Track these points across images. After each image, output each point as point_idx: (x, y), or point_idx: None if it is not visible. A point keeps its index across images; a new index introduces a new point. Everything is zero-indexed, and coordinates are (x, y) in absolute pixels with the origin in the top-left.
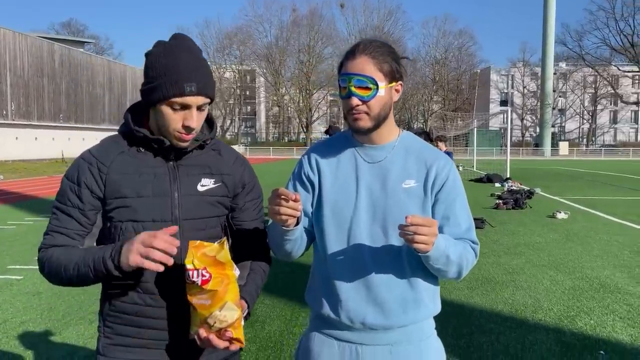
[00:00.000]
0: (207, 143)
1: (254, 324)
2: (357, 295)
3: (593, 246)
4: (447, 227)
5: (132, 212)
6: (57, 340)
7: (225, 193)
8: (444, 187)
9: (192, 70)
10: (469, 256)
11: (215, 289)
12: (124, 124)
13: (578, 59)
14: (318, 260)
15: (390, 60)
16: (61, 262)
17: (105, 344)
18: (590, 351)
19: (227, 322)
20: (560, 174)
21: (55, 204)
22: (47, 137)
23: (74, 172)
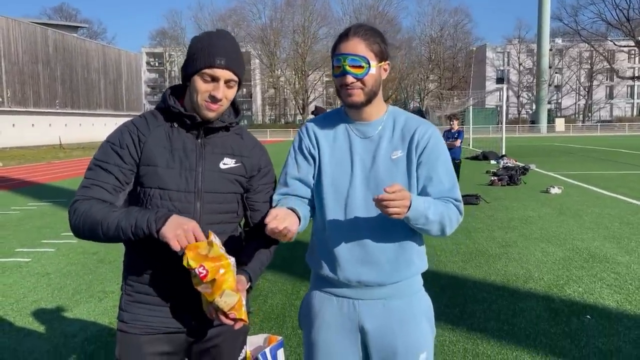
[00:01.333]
0: (232, 126)
1: (257, 297)
2: (353, 257)
3: (585, 219)
4: (431, 187)
5: (160, 180)
6: (69, 317)
7: (243, 173)
8: (425, 150)
9: (223, 47)
10: (451, 214)
11: (214, 278)
12: (162, 101)
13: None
14: (318, 227)
15: (380, 41)
16: (99, 215)
17: (127, 301)
18: (578, 316)
19: (228, 305)
20: (556, 150)
21: (95, 161)
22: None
23: (117, 136)
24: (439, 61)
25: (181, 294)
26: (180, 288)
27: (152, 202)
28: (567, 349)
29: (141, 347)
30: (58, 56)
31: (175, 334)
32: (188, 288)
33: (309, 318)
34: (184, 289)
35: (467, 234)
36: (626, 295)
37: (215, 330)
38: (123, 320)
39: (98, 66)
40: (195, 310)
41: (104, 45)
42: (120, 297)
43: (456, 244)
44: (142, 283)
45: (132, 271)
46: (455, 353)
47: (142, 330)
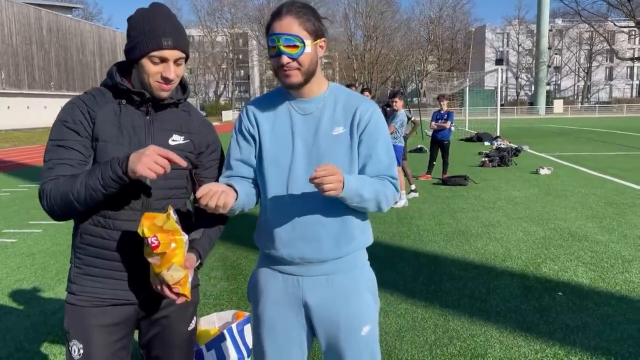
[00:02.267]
0: (180, 102)
1: (238, 276)
2: (295, 234)
3: (570, 199)
4: (370, 164)
5: (110, 156)
6: (50, 295)
7: (191, 149)
8: (366, 129)
9: (168, 27)
10: (387, 192)
11: (164, 251)
12: (108, 78)
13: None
14: (262, 206)
15: (313, 19)
16: (67, 185)
17: (76, 274)
18: (550, 293)
19: (174, 280)
20: (551, 132)
21: (52, 142)
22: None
23: (67, 113)
24: (438, 42)
25: (130, 265)
26: (129, 260)
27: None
28: (535, 324)
29: (88, 318)
30: (52, 38)
31: (123, 306)
32: (137, 260)
33: (256, 293)
34: (133, 260)
35: (452, 214)
36: (600, 273)
37: (166, 301)
38: (72, 292)
39: (93, 48)
40: (145, 282)
41: (100, 27)
42: (69, 269)
43: (440, 224)
44: (91, 255)
45: (82, 243)
46: (425, 329)
47: (90, 303)
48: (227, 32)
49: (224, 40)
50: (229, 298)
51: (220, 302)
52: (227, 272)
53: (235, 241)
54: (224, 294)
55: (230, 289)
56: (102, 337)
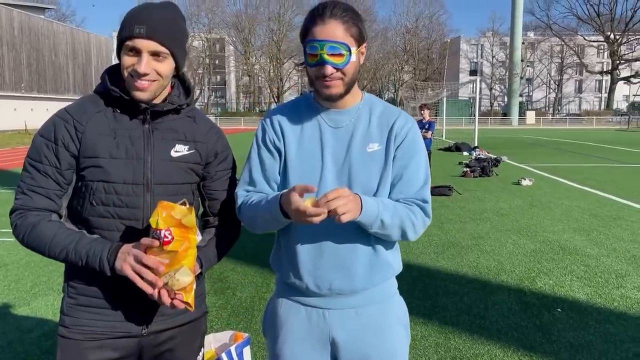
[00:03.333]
0: (183, 108)
1: (226, 290)
2: (323, 262)
3: (555, 211)
4: (400, 184)
5: (103, 173)
6: (26, 311)
7: (197, 160)
8: (402, 145)
9: (146, 14)
10: (414, 219)
11: (176, 250)
12: (100, 84)
13: (546, 28)
14: (283, 230)
15: (358, 22)
16: (45, 238)
17: (69, 304)
18: (548, 309)
19: (179, 285)
20: (527, 143)
21: (30, 162)
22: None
23: (50, 130)
24: (414, 52)
25: (130, 293)
26: (128, 287)
27: (96, 197)
28: (539, 343)
29: (84, 353)
30: (24, 38)
31: (123, 339)
32: (136, 288)
33: (274, 327)
34: (132, 287)
35: (440, 226)
36: (596, 288)
37: (169, 333)
38: (64, 325)
39: (66, 49)
40: (146, 312)
41: (73, 28)
42: (62, 299)
43: (429, 235)
44: (86, 284)
45: (75, 271)
46: (426, 348)
47: (86, 336)
48: (204, 37)
49: (200, 45)
50: (218, 314)
51: (209, 319)
52: (215, 286)
53: None
54: (212, 310)
55: (219, 304)
56: None
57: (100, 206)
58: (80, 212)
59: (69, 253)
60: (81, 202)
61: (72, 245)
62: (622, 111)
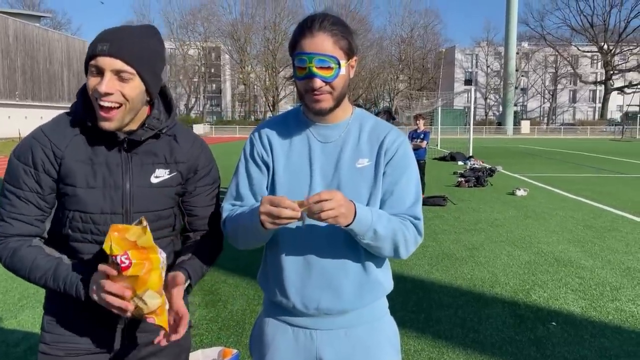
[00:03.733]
0: (163, 132)
1: (217, 303)
2: (311, 280)
3: (549, 222)
4: (390, 201)
5: (80, 203)
6: (12, 324)
7: (179, 182)
8: (392, 160)
9: (112, 32)
10: (407, 233)
11: (136, 274)
12: (75, 103)
13: (540, 38)
14: (271, 246)
15: (348, 35)
16: (25, 264)
17: (48, 321)
18: (543, 322)
19: (149, 308)
20: (521, 152)
21: (8, 188)
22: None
23: (27, 154)
24: (409, 62)
25: (108, 311)
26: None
27: (73, 226)
28: (533, 357)
29: None
30: (19, 46)
31: (103, 354)
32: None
33: (261, 348)
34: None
35: (434, 237)
36: (591, 301)
37: (151, 349)
38: (45, 341)
39: (61, 57)
40: (126, 327)
41: (68, 36)
42: (42, 316)
43: (423, 246)
44: (66, 302)
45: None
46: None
47: (65, 352)
48: (200, 46)
49: (196, 54)
50: (209, 327)
51: (199, 332)
52: (205, 299)
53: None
54: (202, 323)
55: (209, 317)
56: None
57: (78, 233)
58: (59, 235)
59: (48, 279)
60: (59, 228)
61: (50, 273)
62: (616, 121)
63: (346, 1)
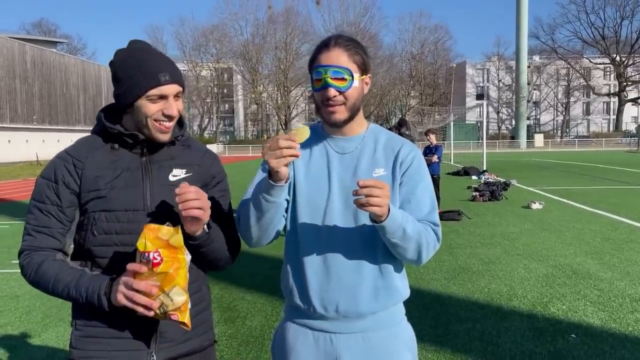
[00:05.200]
0: (178, 140)
1: (235, 320)
2: (329, 283)
3: (566, 235)
4: (409, 209)
5: (105, 203)
6: (37, 343)
7: (195, 182)
8: (407, 171)
9: (161, 62)
10: (429, 237)
11: (166, 271)
12: (97, 124)
13: (551, 52)
14: (290, 251)
15: (362, 52)
16: (49, 276)
17: (77, 337)
18: (562, 335)
19: (174, 305)
20: (535, 166)
21: (33, 204)
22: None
23: (50, 171)
24: (420, 77)
25: (135, 324)
26: (132, 318)
27: (98, 227)
28: None
29: None
30: (36, 71)
31: None
32: (144, 318)
33: (283, 353)
34: (137, 318)
35: (450, 251)
36: (610, 313)
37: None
38: (73, 358)
39: (77, 82)
40: (153, 341)
41: (84, 61)
42: (71, 332)
43: (439, 261)
44: (93, 316)
45: (81, 304)
46: None
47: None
48: (212, 67)
49: (208, 75)
50: (229, 343)
51: (219, 349)
52: (224, 315)
53: (231, 281)
54: (222, 339)
55: (229, 334)
56: None
57: (102, 235)
58: (82, 244)
59: (70, 291)
60: (83, 235)
61: (73, 283)
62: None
63: (356, 19)
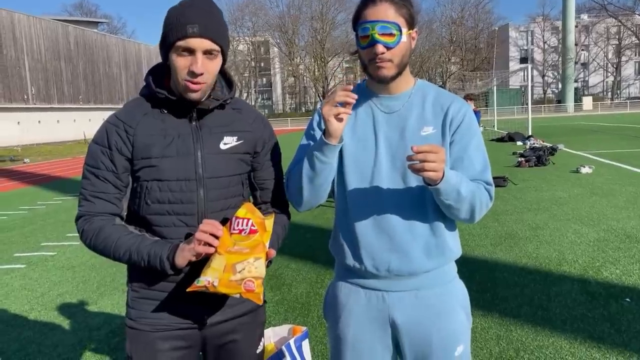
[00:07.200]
0: (227, 102)
1: (281, 287)
2: (381, 243)
3: (618, 198)
4: (461, 168)
5: (157, 172)
6: (94, 310)
7: (246, 150)
8: (459, 129)
9: (195, 13)
10: (482, 196)
11: (258, 241)
12: (145, 87)
13: (600, 9)
14: (340, 213)
15: (408, 5)
16: (110, 241)
17: (133, 297)
18: (616, 299)
19: (255, 273)
20: (584, 129)
21: (88, 169)
22: (69, 119)
23: (103, 136)
24: (461, 43)
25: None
26: (189, 280)
27: (151, 196)
28: (607, 334)
29: (154, 343)
30: (80, 52)
31: (187, 330)
32: (197, 274)
33: (335, 311)
34: (193, 280)
35: (496, 217)
36: None
37: (231, 325)
38: (131, 317)
39: (119, 60)
40: (207, 305)
41: (124, 40)
42: (127, 292)
43: (484, 227)
44: (148, 277)
45: (138, 267)
46: (487, 340)
47: (153, 327)
48: (249, 41)
49: (245, 49)
50: (276, 310)
51: (267, 314)
52: (270, 282)
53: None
54: (269, 305)
55: (276, 300)
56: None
57: (155, 204)
58: (137, 211)
59: (132, 255)
60: (137, 202)
61: (134, 247)
62: None
63: None
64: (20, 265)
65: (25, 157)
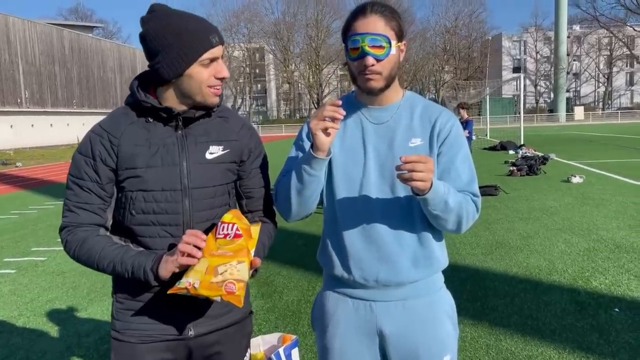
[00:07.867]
0: (214, 111)
1: (272, 294)
2: (369, 254)
3: (609, 208)
4: (448, 180)
5: (142, 182)
6: (83, 316)
7: (233, 159)
8: (446, 141)
9: (206, 23)
10: (469, 207)
11: (242, 245)
12: (130, 95)
13: (592, 20)
14: (329, 223)
15: (397, 18)
16: (94, 252)
17: (118, 309)
18: (605, 309)
19: (237, 276)
20: (575, 139)
21: (72, 179)
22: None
23: (87, 146)
24: (454, 52)
25: (174, 298)
26: (175, 294)
27: (136, 206)
28: (596, 344)
29: (138, 355)
30: (74, 56)
31: (173, 342)
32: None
33: (323, 321)
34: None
35: (487, 226)
36: None
37: (216, 336)
38: (116, 329)
39: (114, 65)
40: (192, 315)
41: (119, 44)
42: (112, 304)
43: (476, 236)
44: (132, 288)
45: (122, 278)
46: (477, 349)
47: (138, 339)
48: (244, 47)
49: (240, 55)
50: (266, 317)
51: (257, 322)
52: (261, 290)
53: (266, 257)
54: (260, 313)
55: (266, 308)
56: None
57: (140, 215)
58: (122, 221)
59: (116, 266)
60: (122, 213)
61: (118, 258)
62: None
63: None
64: (10, 270)
65: (17, 161)
